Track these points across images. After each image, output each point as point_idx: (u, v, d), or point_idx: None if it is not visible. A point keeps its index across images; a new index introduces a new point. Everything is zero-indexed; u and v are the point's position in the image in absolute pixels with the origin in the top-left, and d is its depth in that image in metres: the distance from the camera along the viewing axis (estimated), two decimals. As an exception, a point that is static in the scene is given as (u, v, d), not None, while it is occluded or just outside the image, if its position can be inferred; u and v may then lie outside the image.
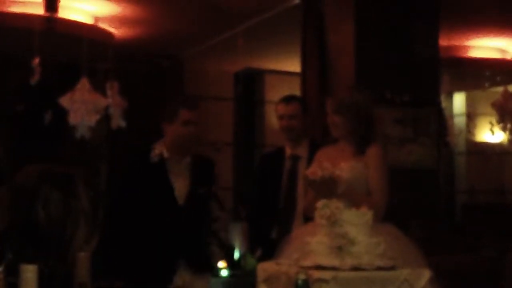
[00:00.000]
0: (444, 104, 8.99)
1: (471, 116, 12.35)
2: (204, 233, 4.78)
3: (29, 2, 8.17)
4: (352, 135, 4.50)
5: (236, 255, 9.68)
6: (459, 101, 13.15)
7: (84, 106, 8.31)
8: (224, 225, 4.87)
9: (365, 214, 3.76)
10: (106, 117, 8.73)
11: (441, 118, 7.93)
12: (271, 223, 5.39)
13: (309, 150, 5.27)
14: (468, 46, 10.60)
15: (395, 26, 7.17)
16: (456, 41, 10.28)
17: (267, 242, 5.12)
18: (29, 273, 1.82)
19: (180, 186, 4.71)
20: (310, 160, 4.86)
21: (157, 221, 4.64)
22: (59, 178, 2.26)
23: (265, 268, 3.98)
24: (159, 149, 4.72)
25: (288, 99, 5.71)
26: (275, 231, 5.33)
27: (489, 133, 11.16)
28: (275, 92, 11.58)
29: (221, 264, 4.61)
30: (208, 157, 5.00)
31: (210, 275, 4.90)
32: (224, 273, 7.23)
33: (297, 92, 7.22)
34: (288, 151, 5.49)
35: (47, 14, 7.62)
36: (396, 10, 7.18)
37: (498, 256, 6.44)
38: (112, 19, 9.10)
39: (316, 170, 4.29)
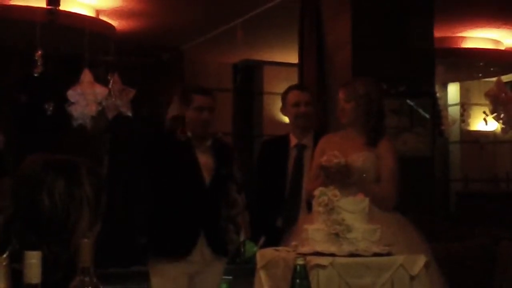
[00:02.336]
0: (438, 94, 9.01)
1: (465, 106, 12.31)
2: (224, 216, 4.91)
3: (32, -5, 8.22)
4: (364, 126, 4.58)
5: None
6: (453, 91, 13.15)
7: (86, 97, 8.36)
8: (241, 209, 4.99)
9: (362, 202, 3.82)
10: (105, 108, 8.77)
11: (436, 108, 7.96)
12: (275, 211, 5.39)
13: (314, 140, 5.26)
14: (462, 37, 10.58)
15: (390, 18, 7.16)
16: (450, 32, 10.28)
17: (271, 230, 5.20)
18: (33, 259, 1.79)
19: (205, 165, 4.83)
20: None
21: (184, 194, 4.76)
22: (63, 166, 2.28)
23: (263, 255, 4.04)
24: (183, 129, 4.85)
25: (301, 87, 5.74)
26: (280, 220, 5.33)
27: (483, 123, 11.19)
28: (273, 83, 11.65)
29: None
30: (227, 141, 5.11)
31: (226, 260, 5.02)
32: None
33: (295, 83, 7.25)
34: (294, 140, 5.47)
35: (49, 7, 7.61)
36: (392, 2, 7.20)
37: (492, 244, 6.48)
38: (113, 12, 9.09)
39: (331, 157, 4.37)
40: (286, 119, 5.69)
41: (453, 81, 12.88)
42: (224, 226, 4.93)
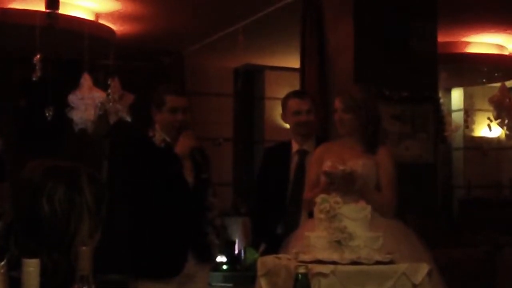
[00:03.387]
0: (442, 100, 9.01)
1: (469, 112, 12.34)
2: (203, 221, 4.83)
3: (31, -2, 8.21)
4: (361, 134, 4.56)
5: (236, 249, 9.81)
6: (457, 97, 13.16)
7: (85, 101, 8.36)
8: (217, 212, 4.92)
9: (364, 209, 3.79)
10: (106, 113, 8.77)
11: (439, 114, 7.95)
12: (276, 218, 5.36)
13: (315, 145, 5.20)
14: (466, 42, 10.59)
15: (393, 23, 7.17)
16: (454, 37, 10.29)
17: (272, 237, 5.17)
18: (31, 267, 1.80)
19: (186, 169, 4.73)
20: None
21: (170, 205, 4.64)
22: (63, 173, 2.27)
23: (265, 262, 4.00)
24: (160, 135, 4.74)
25: (301, 94, 5.69)
26: (281, 226, 5.29)
27: (487, 129, 11.18)
28: (274, 88, 11.64)
29: (221, 258, 4.68)
30: (200, 144, 5.00)
31: (210, 265, 4.95)
32: (224, 267, 7.36)
33: (296, 88, 7.24)
34: (295, 146, 5.43)
35: (49, 11, 7.61)
36: (395, 7, 7.20)
37: (494, 251, 6.47)
38: (113, 16, 9.10)
39: (336, 165, 4.35)
40: (287, 125, 5.65)
41: (456, 86, 12.89)
42: (206, 231, 4.85)
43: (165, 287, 4.65)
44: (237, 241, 10.41)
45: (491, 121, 10.59)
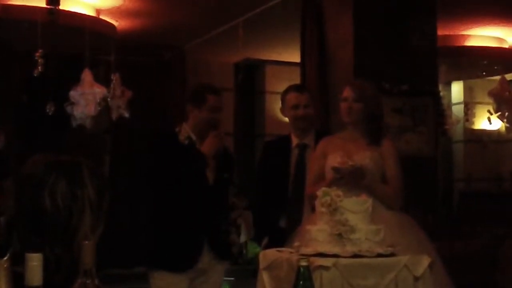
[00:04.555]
0: (442, 93, 9.00)
1: (469, 105, 12.35)
2: (224, 219, 4.88)
3: (32, -6, 8.21)
4: (367, 126, 4.59)
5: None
6: (457, 90, 13.16)
7: (86, 97, 8.37)
8: (240, 212, 4.97)
9: (365, 202, 3.79)
10: (107, 108, 8.78)
11: (439, 107, 7.95)
12: (278, 212, 5.36)
13: (315, 139, 5.24)
14: (466, 36, 10.58)
15: (393, 16, 7.17)
16: (453, 31, 10.28)
17: (274, 231, 5.19)
18: (34, 261, 1.78)
19: (209, 169, 4.78)
20: None
21: (188, 196, 4.70)
22: (65, 167, 2.26)
23: (266, 256, 4.00)
24: (185, 132, 4.80)
25: (299, 88, 5.69)
26: (284, 220, 5.30)
27: (487, 122, 11.18)
28: (275, 82, 11.65)
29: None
30: (226, 144, 5.07)
31: (229, 262, 4.97)
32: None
33: (296, 82, 7.25)
34: (295, 140, 5.44)
35: (50, 6, 7.60)
36: (395, 0, 7.22)
37: (495, 243, 6.49)
38: (114, 11, 9.09)
39: (346, 160, 4.37)
40: (287, 118, 5.67)
41: (456, 79, 12.88)
42: (225, 229, 4.89)
43: (178, 280, 4.69)
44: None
45: (491, 114, 10.58)
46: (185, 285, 4.73)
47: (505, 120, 10.31)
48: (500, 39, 10.83)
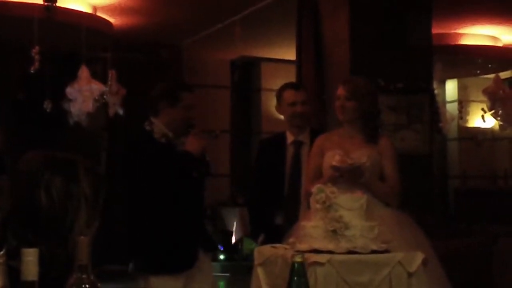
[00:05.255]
0: (436, 91, 9.01)
1: (463, 103, 12.37)
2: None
3: (29, -9, 8.21)
4: (363, 123, 4.59)
5: (233, 240, 9.81)
6: (451, 88, 13.19)
7: (83, 93, 8.38)
8: (206, 203, 4.95)
9: (360, 199, 3.79)
10: (104, 105, 8.78)
11: (434, 105, 7.95)
12: (274, 209, 5.34)
13: (310, 136, 5.23)
14: (460, 34, 10.60)
15: (389, 14, 7.16)
16: (448, 29, 10.30)
17: (271, 228, 5.18)
18: (30, 256, 1.79)
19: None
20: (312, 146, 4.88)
21: (181, 201, 4.62)
22: (61, 164, 2.27)
23: (262, 252, 4.02)
24: (159, 130, 4.66)
25: (296, 86, 5.68)
26: (280, 217, 5.29)
27: (481, 120, 11.20)
28: (271, 80, 11.65)
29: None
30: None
31: (215, 253, 4.95)
32: (222, 257, 7.37)
33: (293, 80, 7.25)
34: (290, 137, 5.42)
35: (46, 3, 7.60)
36: (390, -1, 7.24)
37: (490, 240, 6.49)
38: (110, 8, 9.10)
39: (345, 159, 4.37)
40: (283, 116, 5.67)
41: (451, 78, 12.91)
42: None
43: (177, 280, 4.62)
44: (234, 231, 10.46)
45: (485, 112, 10.61)
46: (181, 283, 4.70)
47: (498, 118, 10.34)
48: (494, 38, 10.86)
